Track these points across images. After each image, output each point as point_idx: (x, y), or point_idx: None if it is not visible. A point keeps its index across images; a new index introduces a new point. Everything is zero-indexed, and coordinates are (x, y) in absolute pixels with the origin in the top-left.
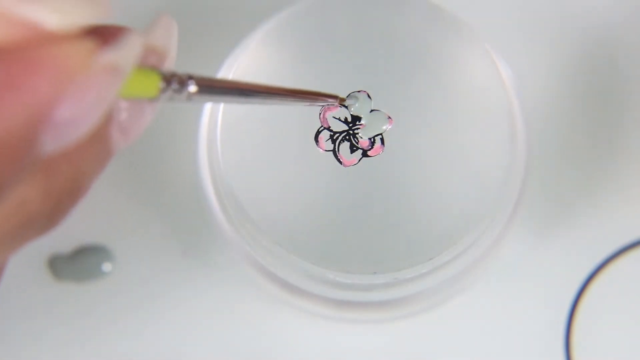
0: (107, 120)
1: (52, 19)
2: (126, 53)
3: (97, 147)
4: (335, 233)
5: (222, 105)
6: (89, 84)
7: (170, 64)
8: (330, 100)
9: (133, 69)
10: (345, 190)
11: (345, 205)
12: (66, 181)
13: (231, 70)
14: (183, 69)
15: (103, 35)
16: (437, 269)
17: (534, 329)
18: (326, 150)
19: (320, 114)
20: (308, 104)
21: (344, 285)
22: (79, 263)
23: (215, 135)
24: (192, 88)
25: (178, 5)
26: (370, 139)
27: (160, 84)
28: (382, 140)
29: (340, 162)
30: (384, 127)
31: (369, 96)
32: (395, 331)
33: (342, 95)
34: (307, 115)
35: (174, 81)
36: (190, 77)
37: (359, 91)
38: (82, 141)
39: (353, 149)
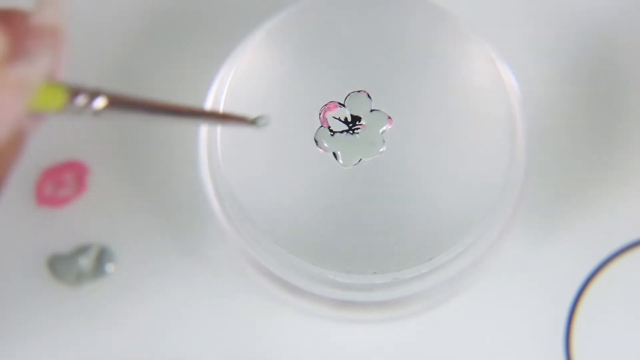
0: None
1: None
2: (36, 70)
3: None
4: (335, 233)
5: (222, 105)
6: None
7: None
8: (243, 121)
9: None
10: (345, 191)
11: (345, 205)
12: None
13: (231, 70)
14: (183, 69)
15: (13, 40)
16: (437, 269)
17: (534, 329)
18: (326, 150)
19: (320, 113)
20: (218, 124)
21: (344, 285)
22: (79, 263)
23: (215, 135)
24: (100, 103)
25: (178, 5)
26: None
27: (67, 98)
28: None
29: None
30: (384, 127)
31: (369, 96)
32: (395, 331)
33: (341, 95)
34: (307, 115)
35: (82, 95)
36: (98, 93)
37: (359, 91)
38: None
39: None
